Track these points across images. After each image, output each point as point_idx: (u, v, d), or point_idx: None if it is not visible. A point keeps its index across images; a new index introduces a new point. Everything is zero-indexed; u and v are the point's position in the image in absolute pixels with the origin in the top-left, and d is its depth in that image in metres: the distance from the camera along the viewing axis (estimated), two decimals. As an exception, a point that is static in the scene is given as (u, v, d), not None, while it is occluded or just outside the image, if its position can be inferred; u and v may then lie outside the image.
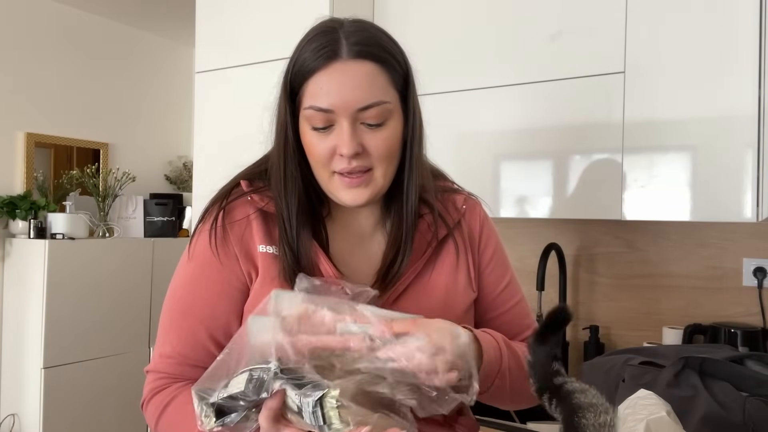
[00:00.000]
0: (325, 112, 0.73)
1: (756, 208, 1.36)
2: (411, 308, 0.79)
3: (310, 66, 0.73)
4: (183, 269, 0.82)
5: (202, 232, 0.80)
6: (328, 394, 0.58)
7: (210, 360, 0.77)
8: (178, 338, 0.79)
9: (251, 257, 0.78)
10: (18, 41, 2.90)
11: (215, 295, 0.78)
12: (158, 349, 0.81)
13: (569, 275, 1.92)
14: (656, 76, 1.47)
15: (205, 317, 0.78)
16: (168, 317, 0.81)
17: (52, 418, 2.62)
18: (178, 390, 0.78)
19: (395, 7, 1.79)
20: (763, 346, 1.57)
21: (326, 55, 0.73)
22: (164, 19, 3.29)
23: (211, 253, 0.78)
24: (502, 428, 1.47)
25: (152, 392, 0.80)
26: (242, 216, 0.80)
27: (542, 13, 1.62)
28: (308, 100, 0.74)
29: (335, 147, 0.74)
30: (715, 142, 1.40)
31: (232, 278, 0.78)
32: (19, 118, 2.92)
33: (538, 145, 1.64)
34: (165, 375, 0.80)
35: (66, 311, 2.68)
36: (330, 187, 0.78)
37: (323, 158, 0.75)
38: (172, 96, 3.65)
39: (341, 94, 0.72)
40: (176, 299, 0.81)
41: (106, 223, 3.04)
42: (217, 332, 0.78)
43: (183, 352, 0.79)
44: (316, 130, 0.74)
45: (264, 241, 0.79)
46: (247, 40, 1.90)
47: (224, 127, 1.94)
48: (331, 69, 0.72)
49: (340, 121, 0.73)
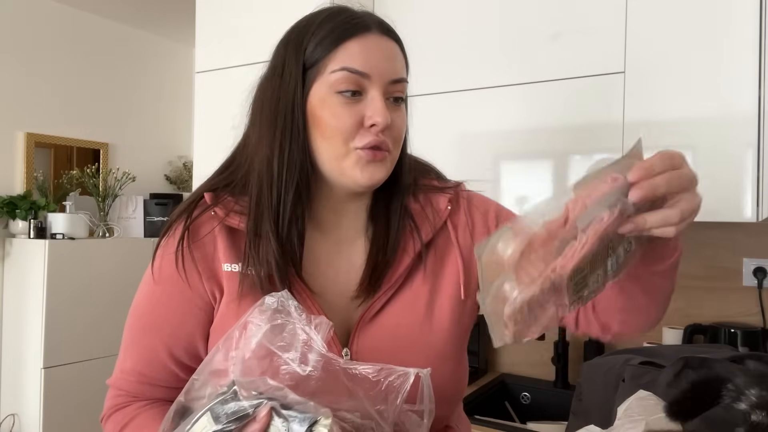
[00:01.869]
0: (360, 75, 0.69)
1: (756, 208, 1.36)
2: (395, 320, 0.76)
3: (339, 34, 0.70)
4: (146, 286, 0.78)
5: (166, 251, 0.75)
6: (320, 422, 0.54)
7: (171, 380, 0.76)
8: (139, 356, 0.77)
9: (215, 276, 0.74)
10: (18, 41, 2.90)
11: (178, 314, 0.75)
12: (120, 364, 0.79)
13: (569, 275, 1.91)
14: (656, 76, 1.47)
15: (166, 336, 0.75)
16: (130, 333, 0.78)
17: (52, 418, 2.62)
18: (137, 411, 0.76)
19: (395, 7, 1.79)
20: (763, 346, 1.57)
21: (359, 25, 0.71)
22: (164, 19, 3.29)
23: (176, 272, 0.74)
24: (502, 428, 1.47)
25: (111, 409, 0.78)
26: (207, 232, 0.75)
27: (542, 13, 1.62)
28: (338, 63, 0.69)
29: (363, 118, 0.70)
30: (715, 142, 1.40)
31: (194, 297, 0.74)
32: (19, 118, 2.92)
33: (538, 145, 1.64)
34: (125, 393, 0.78)
35: (66, 311, 2.68)
36: (344, 165, 0.71)
37: (347, 130, 0.70)
38: (172, 96, 3.65)
39: (375, 60, 0.70)
40: (137, 315, 0.78)
41: (106, 223, 3.04)
42: (178, 351, 0.75)
43: (143, 371, 0.76)
44: (343, 97, 0.69)
45: (229, 259, 0.74)
46: (247, 40, 1.90)
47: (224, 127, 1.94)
48: (364, 38, 0.70)
49: (371, 91, 0.70)
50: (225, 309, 0.74)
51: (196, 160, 2.04)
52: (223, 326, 0.72)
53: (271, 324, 0.60)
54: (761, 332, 1.58)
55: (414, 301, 0.77)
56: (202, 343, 0.76)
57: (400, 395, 0.60)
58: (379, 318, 0.76)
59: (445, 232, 0.81)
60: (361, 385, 0.61)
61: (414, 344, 0.76)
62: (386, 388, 0.60)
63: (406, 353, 0.75)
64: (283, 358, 0.60)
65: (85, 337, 2.75)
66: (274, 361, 0.60)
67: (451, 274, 0.79)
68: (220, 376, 0.60)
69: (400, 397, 0.60)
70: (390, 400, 0.60)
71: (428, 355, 0.75)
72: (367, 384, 0.61)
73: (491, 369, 1.98)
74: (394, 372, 0.60)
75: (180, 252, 0.74)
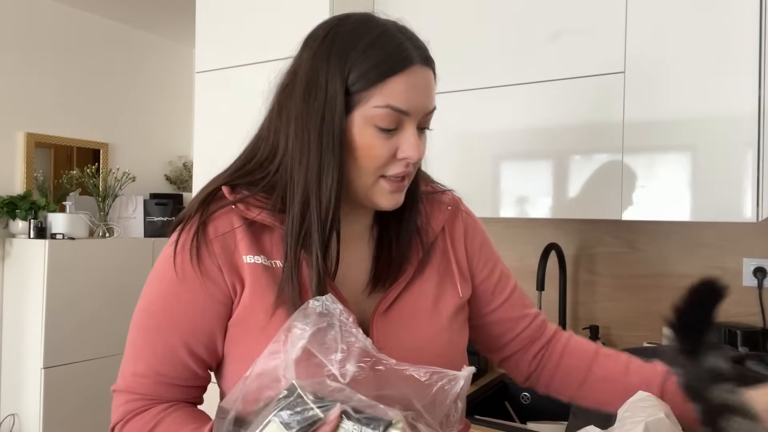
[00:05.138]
0: (400, 113, 0.72)
1: (756, 208, 1.36)
2: (404, 315, 0.79)
3: (386, 69, 0.71)
4: (159, 283, 0.76)
5: (182, 247, 0.75)
6: (393, 425, 0.54)
7: (189, 377, 0.76)
8: (154, 355, 0.75)
9: (236, 269, 0.74)
10: (18, 41, 2.90)
11: (197, 308, 0.74)
12: (129, 367, 0.76)
13: (569, 275, 1.92)
14: (656, 76, 1.47)
15: (185, 332, 0.74)
16: (141, 333, 0.76)
17: (52, 418, 2.62)
18: (161, 415, 0.74)
19: (395, 7, 1.79)
20: (763, 346, 1.57)
21: (406, 59, 0.72)
22: (164, 19, 3.29)
23: (192, 267, 0.74)
24: (502, 428, 1.47)
25: (127, 415, 0.75)
26: (226, 228, 0.75)
27: (542, 13, 1.62)
28: (383, 99, 0.71)
29: (397, 150, 0.73)
30: (715, 142, 1.40)
31: (215, 292, 0.74)
32: (19, 118, 2.92)
33: (538, 145, 1.64)
34: (139, 396, 0.75)
35: (66, 311, 2.68)
36: (371, 191, 0.75)
37: (381, 161, 0.73)
38: (172, 96, 3.65)
39: (417, 97, 0.73)
40: (150, 313, 0.76)
41: (106, 223, 3.04)
42: (197, 347, 0.75)
43: (161, 371, 0.75)
44: (381, 132, 0.72)
45: (250, 251, 0.74)
46: (247, 40, 1.90)
47: (224, 127, 1.94)
48: (408, 73, 0.72)
49: (407, 125, 0.73)
50: (248, 301, 0.74)
51: (196, 160, 2.04)
52: (245, 318, 0.73)
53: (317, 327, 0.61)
54: (761, 332, 1.58)
55: (422, 295, 0.81)
56: (221, 338, 0.76)
57: (449, 397, 0.61)
58: (392, 310, 0.79)
59: (443, 234, 0.87)
60: (411, 386, 0.61)
61: (427, 333, 0.80)
62: (436, 391, 0.61)
63: (422, 341, 0.79)
64: (330, 359, 0.60)
65: (85, 337, 2.76)
66: (321, 362, 0.60)
67: (450, 272, 0.86)
68: (270, 380, 0.60)
69: (449, 399, 0.61)
70: (438, 401, 0.61)
71: (440, 344, 0.80)
72: (417, 386, 0.61)
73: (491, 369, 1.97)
74: (446, 376, 0.62)
75: (196, 246, 0.74)
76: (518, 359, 0.92)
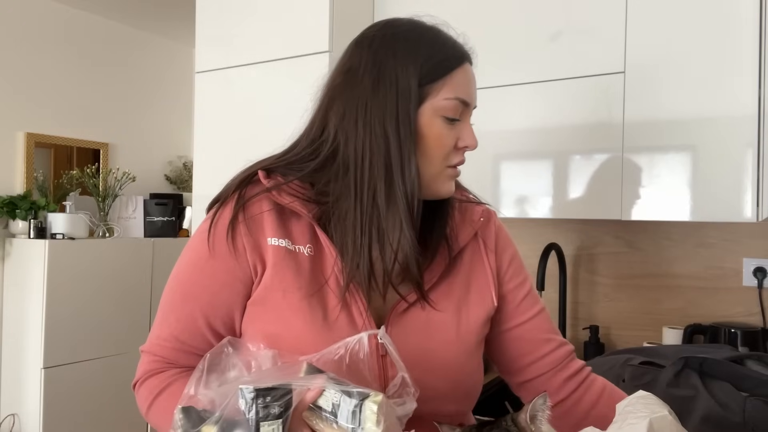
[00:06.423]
0: (465, 105, 0.78)
1: (756, 208, 1.36)
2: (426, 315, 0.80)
3: (452, 63, 0.78)
4: (193, 253, 0.80)
5: (218, 223, 0.78)
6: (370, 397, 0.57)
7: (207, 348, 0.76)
8: (177, 322, 0.79)
9: (259, 249, 0.77)
10: (18, 41, 2.90)
11: (218, 283, 0.77)
12: (156, 329, 0.80)
13: (569, 275, 1.92)
14: (656, 76, 1.47)
15: (205, 304, 0.77)
16: (169, 300, 0.80)
17: (52, 418, 2.62)
18: (173, 377, 0.78)
19: (395, 8, 1.79)
20: (763, 346, 1.57)
21: (464, 55, 0.80)
22: (164, 19, 3.29)
23: (225, 244, 0.77)
24: (502, 428, 1.47)
25: (146, 374, 0.79)
26: (257, 210, 0.79)
27: (542, 13, 1.62)
28: (451, 92, 0.76)
29: (457, 140, 0.78)
30: (715, 142, 1.40)
31: (237, 269, 0.77)
32: (19, 118, 2.92)
33: (538, 145, 1.64)
34: (160, 358, 0.79)
35: (66, 311, 2.68)
36: (438, 179, 0.79)
37: (448, 150, 0.78)
38: (172, 96, 3.65)
39: (473, 90, 0.81)
40: (180, 281, 0.80)
41: (106, 223, 3.04)
42: (215, 321, 0.78)
43: (180, 338, 0.78)
44: (448, 122, 0.77)
45: (276, 234, 0.77)
46: (247, 40, 1.90)
47: (224, 127, 1.94)
48: (465, 67, 0.80)
49: (465, 116, 0.79)
50: (268, 281, 0.76)
51: (196, 160, 2.04)
52: (265, 297, 0.76)
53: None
54: (761, 332, 1.59)
55: (446, 299, 0.82)
56: (239, 316, 0.79)
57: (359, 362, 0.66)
58: (411, 311, 0.79)
59: (475, 242, 0.87)
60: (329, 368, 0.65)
61: (443, 338, 0.80)
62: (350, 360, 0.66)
63: (435, 343, 0.79)
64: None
65: (85, 337, 2.76)
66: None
67: (482, 279, 0.86)
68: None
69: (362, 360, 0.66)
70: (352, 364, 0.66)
71: (457, 351, 0.80)
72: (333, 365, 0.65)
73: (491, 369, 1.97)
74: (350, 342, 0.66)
75: (230, 225, 0.77)
76: (538, 385, 0.88)
